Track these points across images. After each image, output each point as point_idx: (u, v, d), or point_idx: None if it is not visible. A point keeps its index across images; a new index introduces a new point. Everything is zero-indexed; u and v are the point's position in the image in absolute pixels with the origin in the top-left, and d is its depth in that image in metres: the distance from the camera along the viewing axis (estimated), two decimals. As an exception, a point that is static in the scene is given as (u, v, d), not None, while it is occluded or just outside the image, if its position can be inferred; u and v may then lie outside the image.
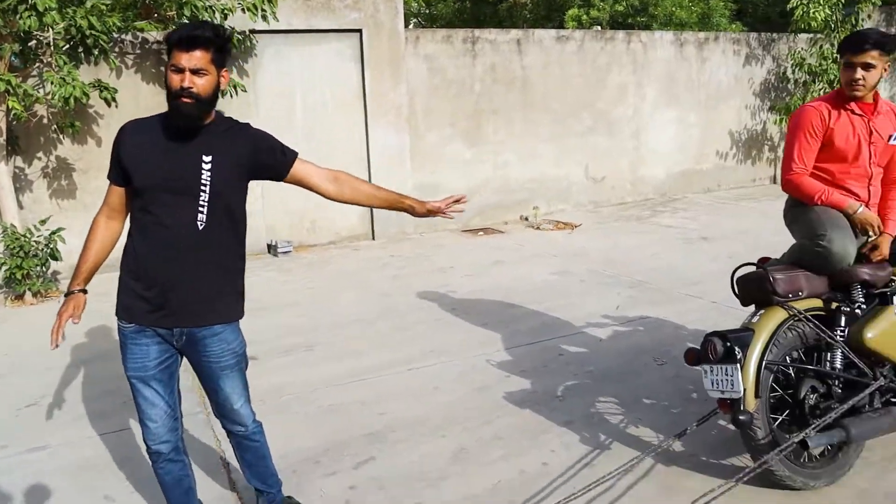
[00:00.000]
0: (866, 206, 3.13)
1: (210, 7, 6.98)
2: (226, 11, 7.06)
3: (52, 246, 6.44)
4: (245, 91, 7.36)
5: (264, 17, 7.14)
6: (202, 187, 2.33)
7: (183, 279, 2.36)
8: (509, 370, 4.25)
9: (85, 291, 2.47)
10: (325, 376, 4.27)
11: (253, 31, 7.54)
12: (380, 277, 6.59)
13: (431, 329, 5.06)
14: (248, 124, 2.51)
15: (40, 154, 7.20)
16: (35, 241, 6.43)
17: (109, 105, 6.85)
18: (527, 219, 9.14)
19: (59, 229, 6.48)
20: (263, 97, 7.79)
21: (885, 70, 3.08)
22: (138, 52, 7.51)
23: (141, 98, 7.35)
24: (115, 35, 6.80)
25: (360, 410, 3.80)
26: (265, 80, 7.81)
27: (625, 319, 5.08)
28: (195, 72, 2.26)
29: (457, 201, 2.66)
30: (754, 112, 11.22)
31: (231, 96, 7.20)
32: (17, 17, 5.81)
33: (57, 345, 2.38)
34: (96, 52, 6.51)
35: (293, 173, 2.55)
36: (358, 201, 2.75)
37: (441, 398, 3.92)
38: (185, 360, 2.54)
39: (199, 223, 2.34)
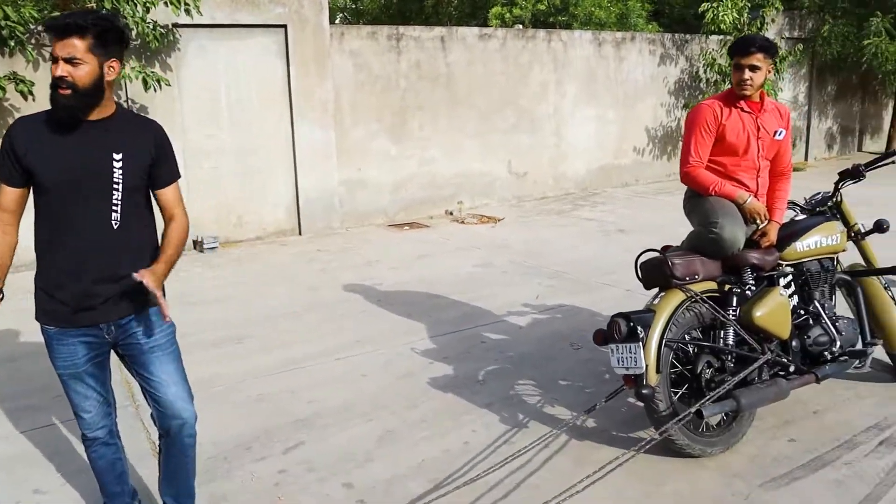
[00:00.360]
0: (755, 196, 3.43)
1: (132, 0, 6.90)
2: (148, 4, 6.98)
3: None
4: (169, 85, 7.29)
5: (188, 11, 7.09)
6: (115, 185, 2.27)
7: (102, 279, 2.30)
8: (433, 357, 4.43)
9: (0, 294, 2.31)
10: (255, 367, 4.35)
11: (176, 25, 7.47)
12: (307, 271, 6.66)
13: (358, 320, 5.19)
14: (153, 121, 2.47)
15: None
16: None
17: (26, 98, 6.70)
18: (451, 213, 9.35)
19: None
20: (188, 92, 7.73)
21: (769, 71, 3.38)
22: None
23: (58, 92, 7.20)
24: (32, 26, 6.65)
25: (290, 399, 3.90)
26: (189, 75, 7.74)
27: (544, 308, 5.32)
28: (68, 60, 2.15)
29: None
30: (669, 110, 11.72)
31: (154, 90, 7.13)
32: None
33: None
34: (12, 44, 6.37)
35: (162, 193, 2.44)
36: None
37: (368, 385, 4.06)
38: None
39: (113, 222, 2.29)
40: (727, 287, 3.32)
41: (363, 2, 18.65)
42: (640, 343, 2.95)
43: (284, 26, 8.12)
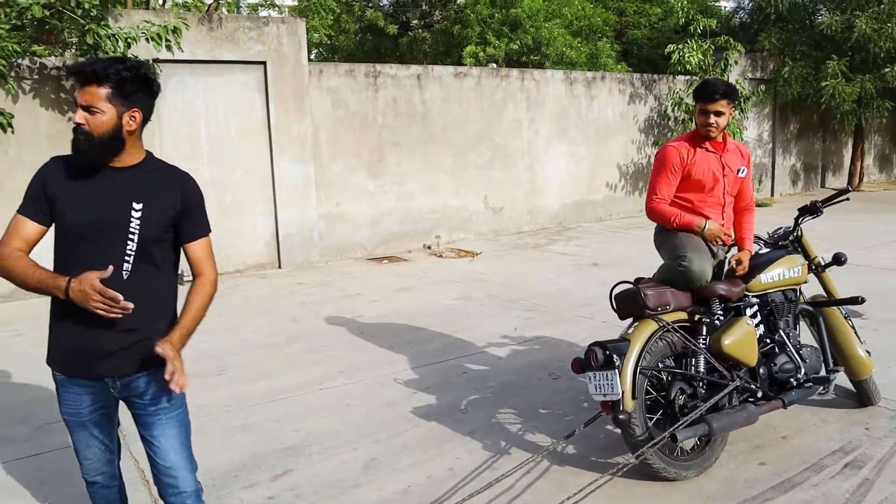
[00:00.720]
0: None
1: (113, 35, 7.03)
2: (129, 40, 7.12)
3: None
4: (150, 121, 7.39)
5: (168, 47, 7.24)
6: (130, 235, 2.21)
7: (108, 331, 2.20)
8: (416, 387, 4.53)
9: None
10: (239, 397, 4.42)
11: (157, 61, 7.60)
12: (288, 304, 6.75)
13: (340, 351, 5.28)
14: (184, 173, 2.38)
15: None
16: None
17: (5, 131, 6.76)
18: (429, 247, 9.51)
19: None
20: (167, 126, 7.84)
21: (731, 114, 3.61)
22: (36, 77, 7.44)
23: (40, 124, 7.28)
24: (13, 59, 6.74)
25: (275, 427, 3.98)
26: (169, 110, 7.86)
27: (522, 339, 5.46)
28: (86, 108, 2.15)
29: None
30: (640, 147, 12.06)
31: (134, 125, 7.22)
32: None
33: None
34: (-4, 78, 6.45)
35: (189, 248, 2.37)
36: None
37: (352, 414, 4.15)
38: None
39: (124, 272, 2.21)
40: (697, 317, 3.49)
41: (339, 39, 18.92)
42: (616, 370, 3.09)
43: (264, 63, 8.30)
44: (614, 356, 3.12)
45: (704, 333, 3.42)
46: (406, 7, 19.95)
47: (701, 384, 3.39)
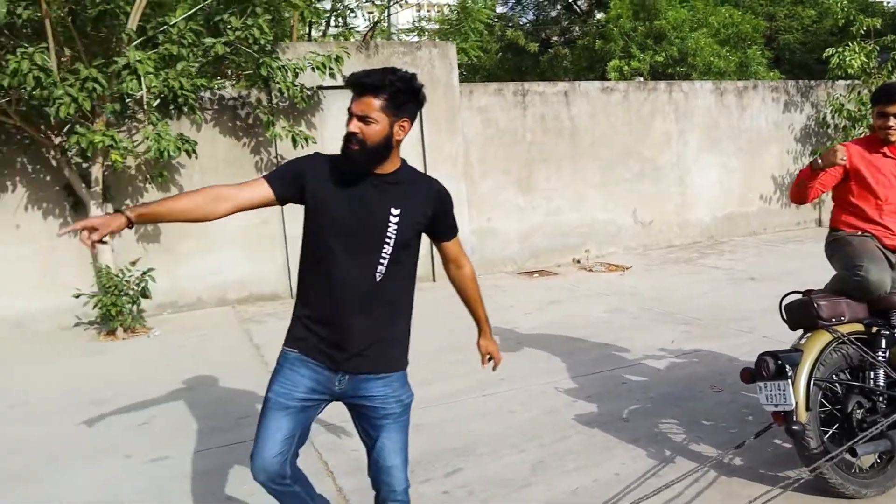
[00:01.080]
0: None
1: (283, 66, 7.66)
2: (297, 70, 7.73)
3: (143, 285, 7.04)
4: (315, 142, 7.98)
5: (332, 75, 7.79)
6: (387, 240, 2.29)
7: (355, 327, 2.31)
8: (576, 396, 4.64)
9: (131, 224, 2.20)
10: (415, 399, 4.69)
11: (320, 87, 8.19)
12: (447, 315, 6.99)
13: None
14: (435, 179, 2.49)
15: (128, 201, 7.87)
16: (126, 281, 7.04)
17: (190, 156, 7.49)
18: (579, 261, 9.58)
19: (150, 269, 7.09)
20: (330, 148, 8.32)
21: None
22: (216, 107, 8.21)
23: (219, 150, 8.03)
24: (201, 93, 7.49)
25: (445, 429, 4.22)
26: (331, 133, 8.42)
27: (680, 352, 5.44)
28: (361, 118, 2.21)
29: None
30: (796, 157, 11.55)
31: (301, 147, 7.82)
32: (119, 80, 6.52)
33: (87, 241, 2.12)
34: (185, 109, 7.18)
35: (446, 246, 2.55)
36: (460, 293, 2.77)
37: (516, 419, 4.33)
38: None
39: (377, 274, 2.30)
40: (874, 329, 3.39)
41: (481, 59, 19.40)
42: (789, 380, 3.07)
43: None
44: (786, 366, 3.10)
45: (884, 346, 3.31)
46: (546, 24, 20.14)
47: (881, 399, 3.29)
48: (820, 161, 3.41)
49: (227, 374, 5.40)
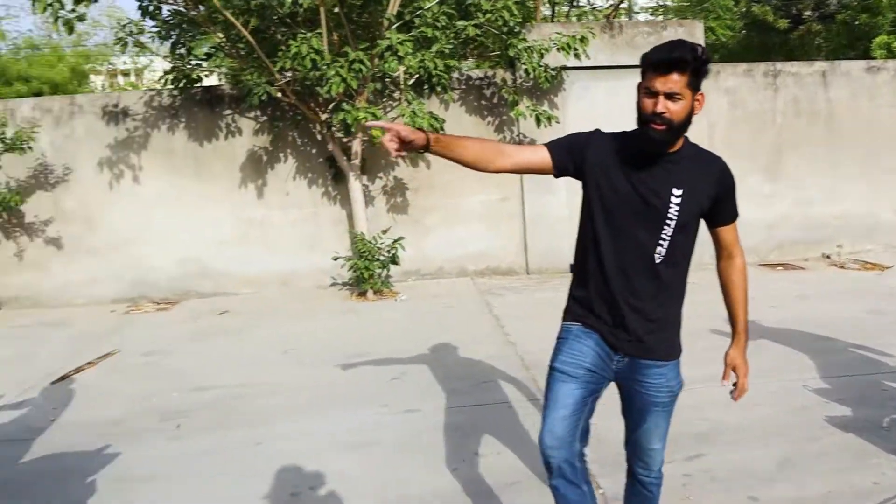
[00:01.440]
0: None
1: (529, 48, 7.84)
2: (542, 51, 7.88)
3: (393, 252, 7.63)
4: (558, 122, 8.10)
5: (577, 56, 7.85)
6: (668, 221, 2.21)
7: (634, 310, 2.29)
8: (827, 396, 4.37)
9: (427, 148, 2.19)
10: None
11: (564, 68, 8.28)
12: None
13: (741, 352, 5.27)
14: (719, 158, 2.34)
15: (381, 174, 8.54)
16: (378, 248, 7.67)
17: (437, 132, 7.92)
18: (828, 256, 8.88)
19: (400, 238, 7.66)
20: (571, 127, 8.40)
21: None
22: (463, 87, 8.61)
23: (464, 128, 8.39)
24: (451, 74, 7.91)
25: (686, 414, 4.17)
26: (573, 113, 8.51)
27: (952, 364, 4.90)
28: (669, 96, 2.11)
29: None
30: None
31: (545, 126, 7.97)
32: (382, 61, 7.06)
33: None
34: (438, 89, 7.61)
35: (722, 231, 2.37)
36: (724, 288, 2.53)
37: (758, 413, 4.17)
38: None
39: (656, 255, 2.24)
40: None
41: (727, 37, 18.32)
42: None
43: (664, 67, 8.49)
44: None
45: None
46: (798, -1, 18.54)
47: None
48: None
49: (469, 341, 5.75)
